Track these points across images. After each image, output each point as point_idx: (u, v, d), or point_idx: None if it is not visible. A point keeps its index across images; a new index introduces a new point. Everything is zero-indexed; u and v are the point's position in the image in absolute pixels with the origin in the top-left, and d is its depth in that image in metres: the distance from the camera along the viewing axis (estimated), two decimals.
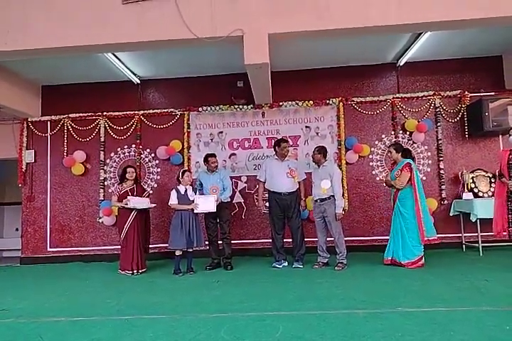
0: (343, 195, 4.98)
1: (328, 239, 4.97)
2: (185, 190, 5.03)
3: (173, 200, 4.96)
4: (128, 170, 5.19)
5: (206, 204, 4.93)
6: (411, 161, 4.70)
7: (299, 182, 5.11)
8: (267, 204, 5.27)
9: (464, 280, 3.82)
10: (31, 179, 6.59)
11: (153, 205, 5.27)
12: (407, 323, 2.59)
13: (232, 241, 5.43)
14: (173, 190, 5.05)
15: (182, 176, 5.04)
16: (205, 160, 5.34)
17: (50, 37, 4.35)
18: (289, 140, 6.18)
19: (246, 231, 6.20)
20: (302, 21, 4.20)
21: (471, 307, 2.92)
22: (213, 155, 5.33)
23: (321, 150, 4.98)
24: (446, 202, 5.97)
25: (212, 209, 4.94)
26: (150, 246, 5.48)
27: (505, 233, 4.22)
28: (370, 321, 2.67)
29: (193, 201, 4.95)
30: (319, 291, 3.62)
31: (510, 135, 4.09)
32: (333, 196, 4.79)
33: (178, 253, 4.88)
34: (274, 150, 5.23)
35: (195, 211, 4.92)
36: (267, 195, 5.28)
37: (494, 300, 3.10)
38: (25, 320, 3.06)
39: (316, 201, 4.93)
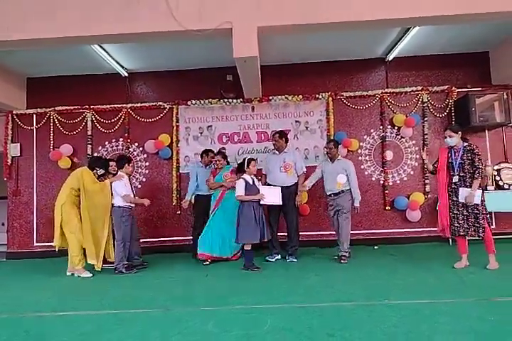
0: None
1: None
2: (253, 180, 4.70)
3: (241, 192, 4.54)
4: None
5: (272, 196, 4.65)
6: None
7: (298, 176, 5.02)
8: None
9: (450, 273, 3.89)
10: (17, 173, 6.48)
11: None
12: (393, 315, 2.64)
13: None
14: (240, 181, 4.59)
15: (248, 166, 4.64)
16: (206, 153, 5.48)
17: (35, 28, 4.24)
18: None
19: None
20: (291, 15, 4.17)
21: (456, 299, 2.97)
22: (212, 152, 5.54)
23: (337, 145, 4.94)
24: (430, 195, 6.04)
25: (278, 202, 4.68)
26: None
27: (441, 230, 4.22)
28: (357, 313, 2.71)
29: (259, 191, 4.65)
30: (308, 285, 3.66)
31: (445, 137, 4.16)
32: (347, 190, 4.75)
33: (249, 247, 4.52)
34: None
35: (261, 202, 4.60)
36: None
37: (479, 292, 3.16)
38: (10, 315, 3.03)
39: (329, 195, 4.86)
